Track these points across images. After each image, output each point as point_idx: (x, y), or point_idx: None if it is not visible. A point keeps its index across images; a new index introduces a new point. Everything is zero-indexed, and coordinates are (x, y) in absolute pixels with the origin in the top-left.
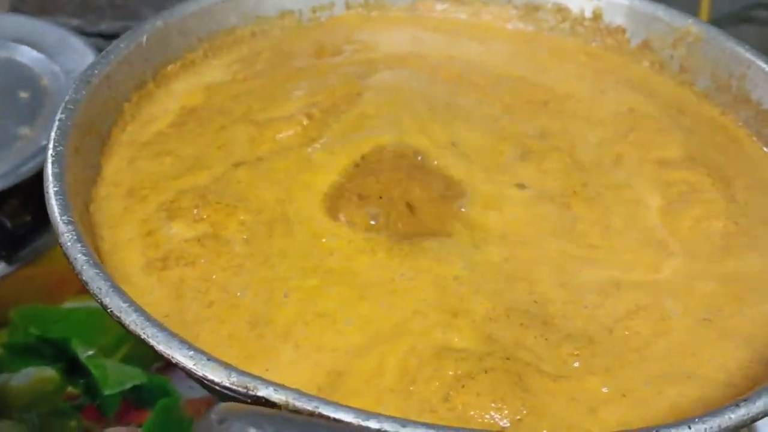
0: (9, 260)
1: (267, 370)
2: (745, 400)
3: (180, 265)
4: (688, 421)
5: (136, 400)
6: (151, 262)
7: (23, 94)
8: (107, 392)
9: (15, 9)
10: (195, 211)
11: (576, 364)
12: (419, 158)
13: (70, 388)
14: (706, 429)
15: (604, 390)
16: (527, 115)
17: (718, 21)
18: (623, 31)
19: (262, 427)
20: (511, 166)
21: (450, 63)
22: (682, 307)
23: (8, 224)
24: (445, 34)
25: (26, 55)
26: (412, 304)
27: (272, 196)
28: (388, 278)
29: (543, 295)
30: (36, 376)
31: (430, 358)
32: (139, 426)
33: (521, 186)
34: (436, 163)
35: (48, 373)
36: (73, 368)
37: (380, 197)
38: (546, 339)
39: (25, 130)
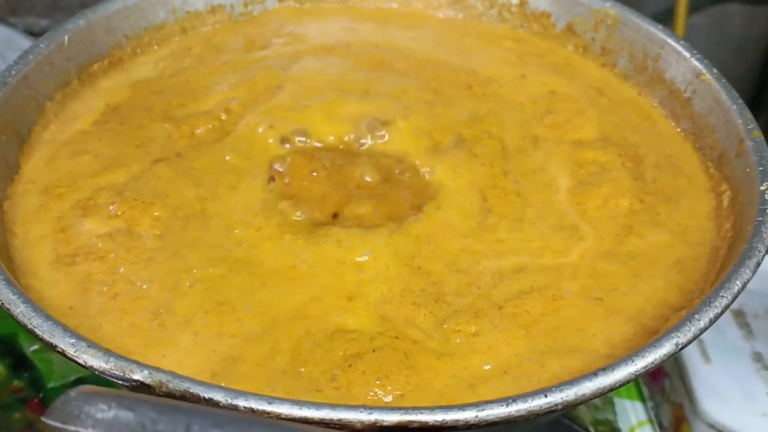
0: None
1: (164, 356)
2: (603, 369)
3: (89, 260)
4: (544, 390)
5: None
6: (60, 258)
7: None
8: (51, 385)
9: None
10: (111, 207)
11: (458, 340)
12: (340, 147)
13: (15, 382)
14: (563, 398)
15: (486, 367)
16: (452, 99)
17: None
18: (548, 15)
19: (94, 403)
20: (442, 155)
21: (374, 50)
22: (578, 286)
23: None
24: (375, 23)
25: None
26: (310, 290)
27: (192, 193)
28: (290, 264)
29: (439, 278)
30: None
31: (323, 341)
32: None
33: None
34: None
35: None
36: (19, 363)
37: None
38: (435, 316)
39: None
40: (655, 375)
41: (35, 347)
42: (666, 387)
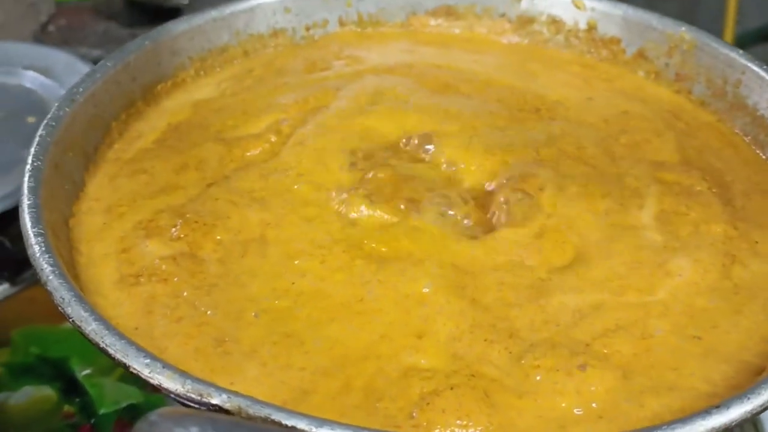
0: (12, 281)
1: (231, 384)
2: (717, 407)
3: (152, 281)
4: (654, 428)
5: (131, 419)
6: (124, 278)
7: (31, 119)
8: (102, 411)
9: (38, 41)
10: (173, 230)
11: (538, 377)
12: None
13: (66, 407)
14: None
15: (577, 411)
16: (522, 121)
17: (743, 38)
18: (618, 41)
19: (186, 427)
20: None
21: (437, 71)
22: (670, 325)
23: (9, 245)
24: (437, 47)
25: (35, 81)
26: (379, 327)
27: (256, 217)
28: (357, 297)
29: (511, 314)
30: (34, 395)
31: (397, 379)
32: None
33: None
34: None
35: (46, 392)
36: (70, 387)
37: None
38: (510, 352)
39: None
40: None
41: (87, 371)
42: None
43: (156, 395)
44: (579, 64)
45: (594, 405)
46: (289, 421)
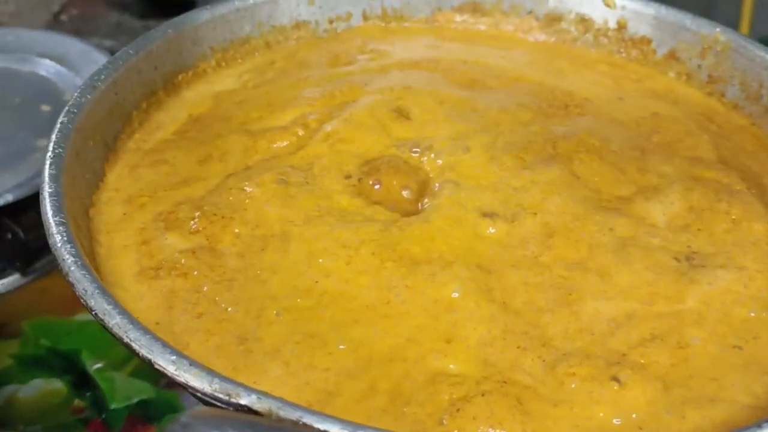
0: (23, 272)
1: (255, 383)
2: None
3: (172, 275)
4: None
5: (143, 415)
6: (144, 270)
7: (45, 108)
8: (114, 406)
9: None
10: (192, 223)
11: (573, 385)
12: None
13: (76, 401)
14: None
15: (616, 421)
16: (549, 118)
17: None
18: (648, 41)
19: (223, 429)
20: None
21: (464, 67)
22: (707, 333)
23: (22, 235)
24: (463, 43)
25: (50, 69)
26: (405, 330)
27: (275, 212)
28: (384, 300)
29: (543, 320)
30: (43, 388)
31: (425, 384)
32: None
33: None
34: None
35: (56, 385)
36: (81, 381)
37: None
38: (543, 360)
39: (44, 142)
40: None
41: (98, 365)
42: None
43: (168, 392)
44: (607, 64)
45: (634, 416)
46: (322, 425)
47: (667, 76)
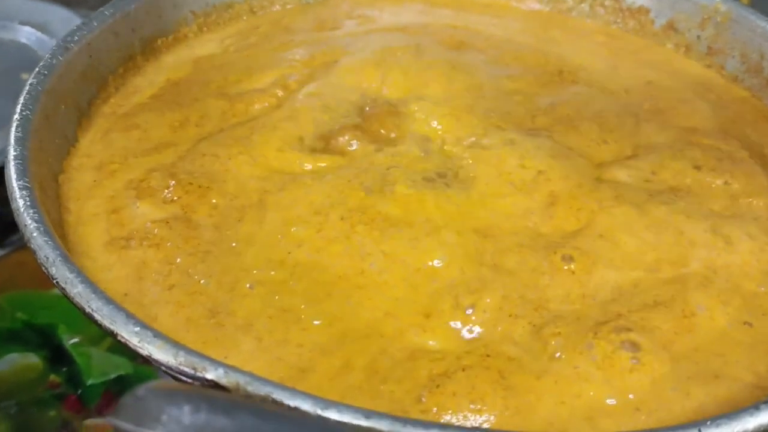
0: None
1: (225, 358)
2: (765, 403)
3: (143, 246)
4: (698, 424)
5: (119, 391)
6: (114, 240)
7: (25, 76)
8: (90, 382)
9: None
10: (166, 191)
11: (557, 355)
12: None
13: (52, 376)
14: None
15: (610, 402)
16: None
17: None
18: (647, 11)
19: (178, 404)
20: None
21: (453, 31)
22: (714, 302)
23: None
24: (454, 9)
25: (31, 37)
26: (383, 303)
27: (252, 178)
28: (357, 269)
29: (540, 284)
30: (19, 362)
31: (402, 360)
32: None
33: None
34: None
35: (31, 359)
36: (57, 356)
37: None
38: (533, 325)
39: None
40: None
41: (75, 340)
42: None
43: (146, 367)
44: (604, 34)
45: (631, 396)
46: (293, 402)
47: (665, 47)
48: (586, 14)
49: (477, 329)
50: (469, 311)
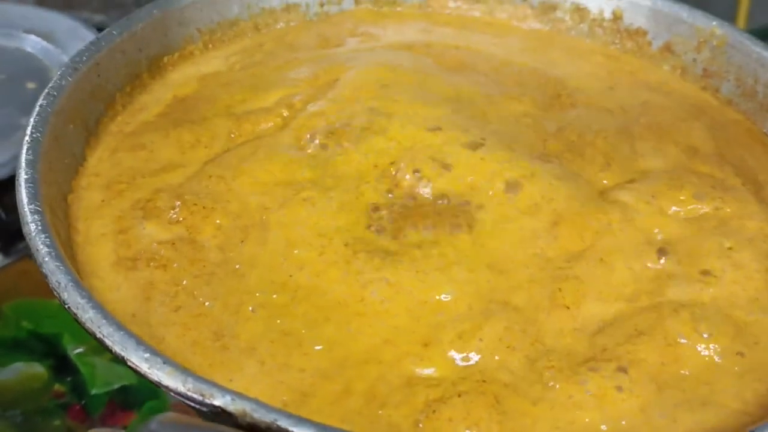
0: (5, 253)
1: (231, 381)
2: (762, 427)
3: (150, 267)
4: None
5: (123, 401)
6: (121, 260)
7: (30, 85)
8: (94, 391)
9: (40, 4)
10: (172, 212)
11: (551, 384)
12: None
13: (57, 386)
14: None
15: (603, 427)
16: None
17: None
18: (644, 33)
19: None
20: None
21: (455, 52)
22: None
23: (3, 215)
24: (456, 29)
25: (36, 45)
26: (382, 331)
27: (255, 200)
28: (357, 297)
29: (539, 319)
30: (24, 372)
31: (400, 386)
32: (124, 428)
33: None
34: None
35: (36, 369)
36: (62, 365)
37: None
38: (528, 358)
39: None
40: None
41: (80, 349)
42: None
43: None
44: (602, 55)
45: (623, 423)
46: (297, 429)
47: (661, 69)
48: (585, 34)
49: (474, 357)
50: (469, 341)
